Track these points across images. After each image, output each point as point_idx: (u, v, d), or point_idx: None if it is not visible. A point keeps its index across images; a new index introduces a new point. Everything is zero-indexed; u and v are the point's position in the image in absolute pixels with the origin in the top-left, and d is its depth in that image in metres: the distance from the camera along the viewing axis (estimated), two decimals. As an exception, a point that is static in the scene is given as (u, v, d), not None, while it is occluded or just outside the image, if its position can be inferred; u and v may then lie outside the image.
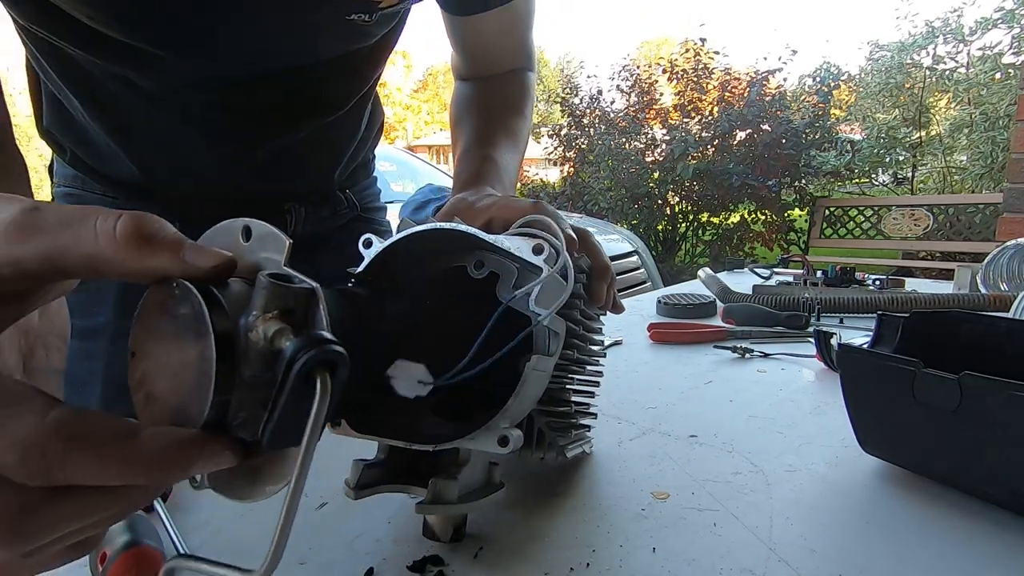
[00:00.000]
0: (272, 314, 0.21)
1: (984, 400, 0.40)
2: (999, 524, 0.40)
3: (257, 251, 0.24)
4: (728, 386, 0.69)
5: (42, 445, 0.18)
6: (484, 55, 0.76)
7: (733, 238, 5.76)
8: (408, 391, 0.34)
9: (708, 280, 1.16)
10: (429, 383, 0.34)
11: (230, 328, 0.21)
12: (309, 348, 0.21)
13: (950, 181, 5.31)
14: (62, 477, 0.19)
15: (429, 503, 0.36)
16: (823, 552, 0.38)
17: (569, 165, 6.60)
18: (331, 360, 0.21)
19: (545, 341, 0.36)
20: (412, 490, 0.38)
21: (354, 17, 0.56)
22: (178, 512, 0.43)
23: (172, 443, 0.20)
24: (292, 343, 0.21)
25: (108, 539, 0.36)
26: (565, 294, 0.35)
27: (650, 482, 0.47)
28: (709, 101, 6.07)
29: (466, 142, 0.68)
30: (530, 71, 0.79)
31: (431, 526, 0.39)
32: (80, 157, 0.66)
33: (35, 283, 0.22)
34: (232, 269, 0.23)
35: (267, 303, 0.22)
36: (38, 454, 0.18)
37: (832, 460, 0.50)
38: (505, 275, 0.37)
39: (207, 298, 0.21)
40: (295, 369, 0.20)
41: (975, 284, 1.11)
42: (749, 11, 62.22)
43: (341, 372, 0.22)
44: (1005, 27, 4.63)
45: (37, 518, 0.19)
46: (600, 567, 0.37)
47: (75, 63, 0.56)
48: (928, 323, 0.51)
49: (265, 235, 0.24)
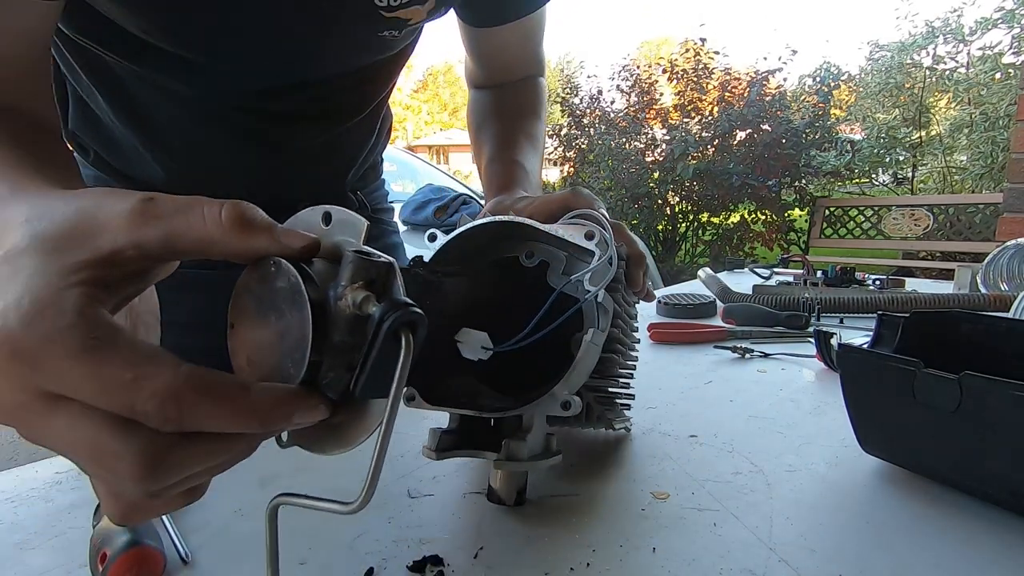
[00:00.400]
0: (358, 284, 0.24)
1: (984, 400, 0.40)
2: (999, 524, 0.40)
3: (336, 234, 0.27)
4: (728, 386, 0.69)
5: (178, 395, 0.21)
6: (500, 64, 0.79)
7: (733, 238, 5.76)
8: (472, 354, 0.38)
9: (708, 280, 1.16)
10: (491, 348, 0.38)
11: (322, 298, 0.25)
12: (395, 310, 0.24)
13: (950, 181, 5.31)
14: (192, 423, 0.22)
15: (504, 460, 0.40)
16: (823, 552, 0.38)
17: (569, 165, 6.61)
18: (413, 321, 0.24)
19: (597, 317, 0.40)
20: (484, 454, 0.42)
21: (385, 33, 0.59)
22: (178, 513, 0.43)
23: (278, 396, 0.24)
24: (379, 307, 0.24)
25: (108, 539, 0.36)
26: (612, 271, 0.40)
27: (650, 482, 0.47)
28: (709, 101, 6.07)
29: (491, 150, 0.72)
30: (541, 76, 0.83)
31: (496, 491, 0.42)
32: (103, 158, 0.68)
33: (153, 263, 0.25)
34: (317, 248, 0.26)
35: (354, 275, 0.25)
36: (174, 403, 0.21)
37: (832, 460, 0.50)
38: (555, 263, 0.43)
39: (301, 273, 0.25)
40: (384, 328, 0.24)
41: (975, 284, 1.11)
42: (749, 11, 62.24)
43: (421, 331, 0.25)
44: (1005, 27, 4.63)
45: (170, 459, 0.22)
46: (600, 567, 0.37)
47: (106, 67, 0.59)
48: (928, 323, 0.51)
49: (344, 220, 0.27)
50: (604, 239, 0.40)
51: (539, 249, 0.44)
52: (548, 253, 0.43)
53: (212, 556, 0.39)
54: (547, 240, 0.43)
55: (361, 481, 0.25)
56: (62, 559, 0.38)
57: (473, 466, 0.50)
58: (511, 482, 0.43)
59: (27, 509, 0.44)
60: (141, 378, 0.21)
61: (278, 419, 0.24)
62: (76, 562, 0.38)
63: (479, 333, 0.38)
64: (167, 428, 0.22)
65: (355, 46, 0.61)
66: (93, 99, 0.63)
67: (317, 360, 0.24)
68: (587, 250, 0.41)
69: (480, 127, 0.77)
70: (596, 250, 0.40)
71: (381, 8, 0.56)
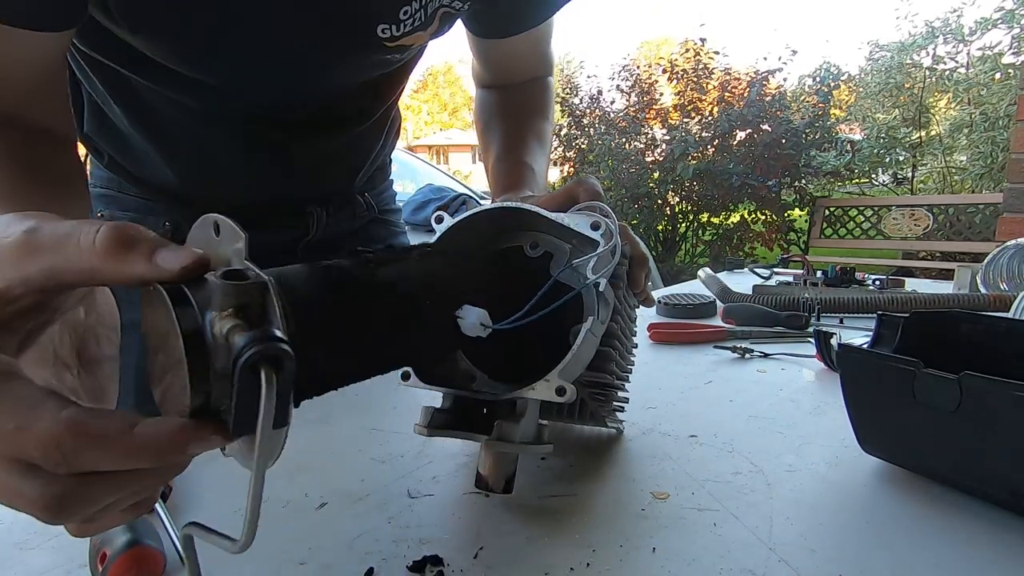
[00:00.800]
0: (227, 312, 0.23)
1: (984, 400, 0.40)
2: (999, 524, 0.40)
3: (228, 245, 0.25)
4: (728, 386, 0.69)
5: (57, 441, 0.21)
6: (508, 67, 0.79)
7: (733, 238, 5.76)
8: (471, 331, 0.38)
9: (708, 280, 1.16)
10: (489, 326, 0.38)
11: (198, 326, 0.23)
12: (252, 346, 0.22)
13: (950, 181, 5.31)
14: (79, 466, 0.22)
15: (495, 439, 0.40)
16: (823, 552, 0.38)
17: (569, 165, 6.60)
18: (276, 355, 0.22)
19: (597, 307, 0.40)
20: (476, 437, 0.42)
21: (389, 56, 0.61)
22: (178, 513, 0.43)
23: (165, 431, 0.23)
24: (240, 340, 0.22)
25: (108, 539, 0.36)
26: (614, 261, 0.41)
27: (650, 482, 0.47)
28: (709, 101, 6.07)
29: (498, 149, 0.72)
30: (550, 76, 0.83)
31: (485, 477, 0.42)
32: (118, 162, 0.69)
33: (47, 296, 0.25)
34: (204, 267, 0.24)
35: (221, 301, 0.23)
36: (55, 448, 0.21)
37: (832, 460, 0.50)
38: (558, 254, 0.43)
39: (177, 298, 0.23)
40: (239, 366, 0.22)
41: (975, 284, 1.11)
42: (749, 11, 62.21)
43: (288, 365, 0.23)
44: (1005, 27, 4.63)
45: (71, 498, 0.23)
46: (600, 567, 0.37)
47: (120, 78, 0.59)
48: (928, 323, 0.51)
49: (229, 231, 0.25)
50: (609, 229, 0.41)
51: (543, 239, 0.44)
52: (552, 244, 0.44)
53: (212, 556, 0.39)
54: (551, 229, 0.43)
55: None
56: (62, 559, 0.38)
57: (472, 466, 0.50)
58: (500, 468, 0.42)
59: (27, 509, 0.44)
60: (23, 427, 0.21)
61: (171, 452, 0.23)
62: (76, 562, 0.38)
63: (479, 310, 0.38)
64: (60, 471, 0.22)
65: (359, 68, 0.62)
66: (107, 106, 0.64)
67: (206, 389, 0.24)
68: (591, 239, 0.41)
69: (487, 125, 0.77)
70: (601, 240, 0.40)
71: (384, 40, 0.56)
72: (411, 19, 0.55)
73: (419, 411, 0.42)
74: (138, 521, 0.37)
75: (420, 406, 0.43)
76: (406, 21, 0.55)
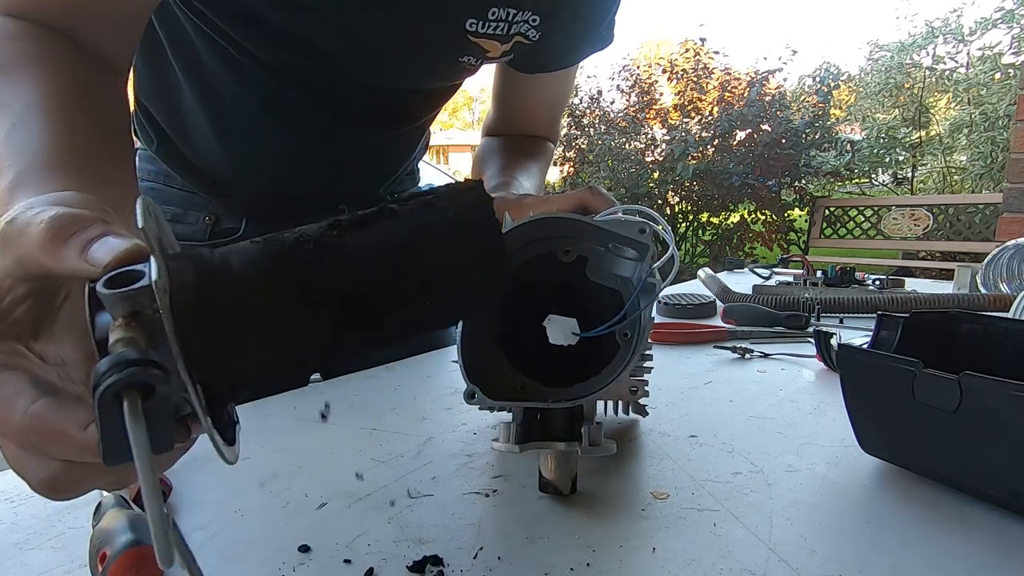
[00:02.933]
0: (118, 322, 0.21)
1: (984, 400, 0.40)
2: (999, 524, 0.40)
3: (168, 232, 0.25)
4: (728, 386, 0.69)
5: (26, 435, 0.23)
6: (522, 117, 0.86)
7: (733, 238, 5.76)
8: (559, 340, 0.39)
9: (708, 280, 1.16)
10: (578, 334, 0.39)
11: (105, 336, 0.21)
12: (111, 373, 0.19)
13: (950, 181, 5.31)
14: (53, 456, 0.23)
15: (591, 445, 0.41)
16: (823, 552, 0.38)
17: (569, 165, 6.60)
18: (143, 382, 0.19)
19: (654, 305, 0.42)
20: (555, 446, 0.42)
21: (464, 59, 0.65)
22: (178, 513, 0.43)
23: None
24: (102, 363, 0.19)
25: (108, 539, 0.36)
26: (676, 264, 0.42)
27: (650, 482, 0.47)
28: (709, 101, 6.06)
29: (493, 171, 0.78)
30: (552, 143, 0.90)
31: (552, 481, 0.42)
32: (166, 142, 0.71)
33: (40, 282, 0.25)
34: (131, 259, 0.23)
35: (113, 310, 0.21)
36: (23, 439, 0.23)
37: (832, 460, 0.50)
38: (594, 258, 0.44)
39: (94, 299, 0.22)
40: (97, 394, 0.19)
41: (975, 284, 1.11)
42: (749, 11, 62.17)
43: (161, 389, 0.20)
44: (1005, 27, 4.64)
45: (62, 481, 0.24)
46: (600, 567, 0.37)
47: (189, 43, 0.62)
48: (928, 323, 0.51)
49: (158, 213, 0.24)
50: (656, 234, 0.42)
51: (576, 246, 0.45)
52: (588, 249, 0.44)
53: (212, 556, 0.39)
54: (592, 236, 0.44)
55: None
56: (62, 559, 0.38)
57: (472, 466, 0.50)
58: (566, 470, 0.42)
59: (27, 509, 0.44)
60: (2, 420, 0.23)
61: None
62: (76, 562, 0.38)
63: (568, 319, 0.38)
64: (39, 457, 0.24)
65: (435, 64, 0.66)
66: (172, 74, 0.66)
67: None
68: (641, 243, 0.42)
69: (484, 160, 0.83)
70: (651, 244, 0.42)
71: (469, 32, 0.60)
72: (496, 23, 0.62)
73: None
74: (138, 521, 0.37)
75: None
76: (492, 22, 0.61)
